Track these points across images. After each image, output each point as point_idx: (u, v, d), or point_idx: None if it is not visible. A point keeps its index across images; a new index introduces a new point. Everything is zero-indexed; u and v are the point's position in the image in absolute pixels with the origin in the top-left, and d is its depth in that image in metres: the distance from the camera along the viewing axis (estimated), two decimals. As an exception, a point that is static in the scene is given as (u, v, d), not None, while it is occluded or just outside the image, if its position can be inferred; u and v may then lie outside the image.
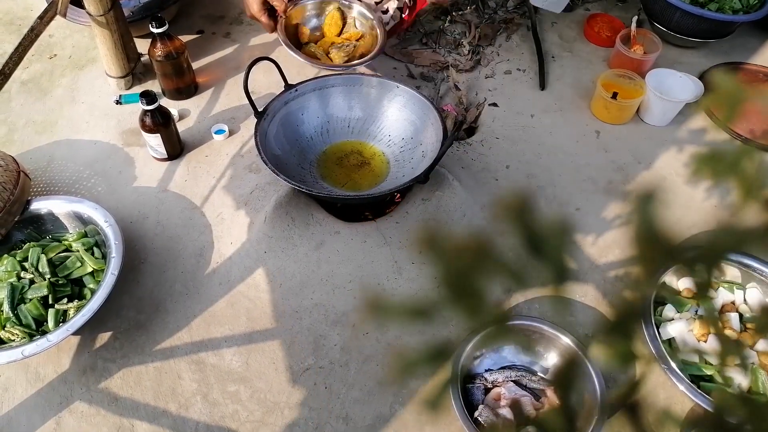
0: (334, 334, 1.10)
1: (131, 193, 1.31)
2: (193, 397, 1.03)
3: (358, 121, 1.35)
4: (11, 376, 1.05)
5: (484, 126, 1.46)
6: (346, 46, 1.49)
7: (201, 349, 1.08)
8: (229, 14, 1.75)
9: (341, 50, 1.48)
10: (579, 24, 1.74)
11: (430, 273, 1.17)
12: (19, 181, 1.16)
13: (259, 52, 1.61)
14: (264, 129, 1.22)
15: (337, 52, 1.48)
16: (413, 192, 1.24)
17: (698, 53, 1.65)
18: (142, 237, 1.23)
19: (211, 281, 1.17)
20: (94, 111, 1.48)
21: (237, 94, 1.51)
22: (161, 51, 1.39)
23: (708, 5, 1.56)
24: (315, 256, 1.17)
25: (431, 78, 1.57)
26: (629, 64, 1.51)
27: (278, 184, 1.27)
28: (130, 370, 1.06)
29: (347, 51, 1.47)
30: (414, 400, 1.02)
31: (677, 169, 1.38)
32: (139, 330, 1.10)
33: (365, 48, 1.50)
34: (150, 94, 1.25)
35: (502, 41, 1.68)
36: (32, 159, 1.37)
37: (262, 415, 1.01)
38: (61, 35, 1.68)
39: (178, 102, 1.50)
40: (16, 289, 1.06)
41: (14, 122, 1.46)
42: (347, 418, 1.01)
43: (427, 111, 1.26)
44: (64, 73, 1.58)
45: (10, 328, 1.03)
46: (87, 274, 1.11)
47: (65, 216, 1.18)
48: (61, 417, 1.01)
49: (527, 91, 1.55)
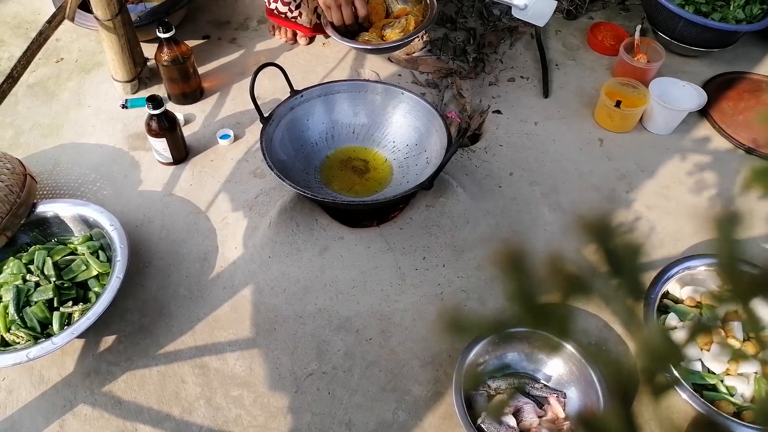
0: (338, 340, 1.10)
1: (136, 196, 1.32)
2: (197, 401, 1.03)
3: (363, 127, 1.36)
4: (15, 379, 1.05)
5: (488, 133, 1.47)
6: (397, 22, 1.48)
7: (205, 353, 1.09)
8: (234, 20, 1.76)
9: (395, 28, 1.47)
10: (583, 32, 1.75)
11: (433, 279, 1.17)
12: (26, 184, 1.16)
13: (264, 57, 1.62)
14: (269, 134, 1.23)
15: (391, 31, 1.47)
16: (417, 198, 1.25)
17: (701, 62, 1.66)
18: (146, 241, 1.24)
19: (215, 285, 1.17)
20: (100, 115, 1.49)
21: (242, 99, 1.52)
22: (167, 56, 1.40)
23: (711, 15, 1.57)
24: (319, 261, 1.17)
25: (435, 85, 1.57)
26: (633, 73, 1.52)
27: (283, 189, 1.28)
28: (134, 373, 1.06)
29: (401, 27, 1.47)
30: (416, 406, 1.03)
31: (680, 177, 1.38)
32: (143, 333, 1.11)
33: (416, 20, 1.49)
34: (156, 99, 1.25)
35: (506, 49, 1.69)
36: (38, 162, 1.38)
37: (265, 420, 1.01)
38: (68, 39, 1.70)
39: (183, 107, 1.51)
40: (21, 292, 1.06)
41: (21, 125, 1.47)
42: (350, 423, 1.01)
43: (432, 118, 1.27)
44: (71, 77, 1.59)
45: (15, 331, 1.03)
46: (92, 277, 1.11)
47: (71, 219, 1.18)
48: (65, 420, 1.01)
49: (531, 98, 1.56)
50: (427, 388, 1.05)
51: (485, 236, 1.24)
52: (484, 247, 1.23)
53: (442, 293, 1.16)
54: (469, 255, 1.21)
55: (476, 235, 1.24)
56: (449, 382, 0.99)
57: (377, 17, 1.52)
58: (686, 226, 1.29)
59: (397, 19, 1.49)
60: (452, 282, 1.17)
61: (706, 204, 1.33)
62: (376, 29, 1.49)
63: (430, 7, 1.47)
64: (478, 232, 1.24)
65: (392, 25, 1.48)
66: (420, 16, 1.49)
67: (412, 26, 1.47)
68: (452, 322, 0.31)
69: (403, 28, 1.47)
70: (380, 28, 1.49)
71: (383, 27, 1.49)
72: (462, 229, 1.22)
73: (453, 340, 1.08)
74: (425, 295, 1.16)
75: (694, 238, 1.27)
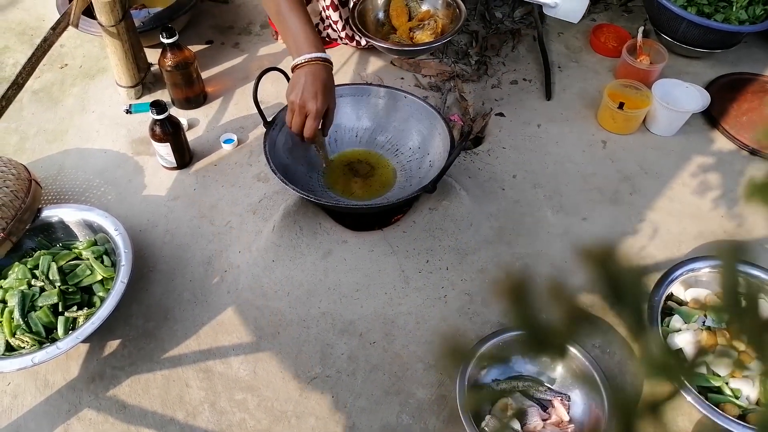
0: (341, 343, 1.10)
1: (140, 201, 1.32)
2: (201, 405, 1.03)
3: (366, 130, 1.36)
4: (20, 384, 1.06)
5: (490, 136, 1.47)
6: (427, 24, 1.47)
7: (209, 357, 1.09)
8: (237, 25, 1.77)
9: (425, 30, 1.46)
10: (585, 34, 1.75)
11: (437, 282, 1.17)
12: (30, 189, 1.17)
13: (267, 62, 1.63)
14: (273, 138, 1.23)
15: (422, 33, 1.46)
16: (420, 201, 1.25)
17: (704, 63, 1.66)
18: (151, 245, 1.24)
19: (219, 290, 1.18)
20: (104, 120, 1.49)
21: (245, 103, 1.53)
22: (171, 61, 1.41)
23: (714, 16, 1.57)
24: (322, 265, 1.18)
25: (438, 88, 1.58)
26: (635, 75, 1.52)
27: (286, 193, 1.28)
28: (138, 377, 1.06)
29: (431, 29, 1.46)
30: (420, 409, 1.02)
31: (684, 179, 1.38)
32: (148, 338, 1.11)
33: (444, 22, 1.49)
34: (160, 104, 1.26)
35: (509, 51, 1.69)
36: (43, 167, 1.39)
37: (269, 424, 1.01)
38: (73, 45, 1.71)
39: (187, 111, 1.51)
40: (26, 297, 1.07)
41: (25, 131, 1.48)
42: (354, 427, 1.01)
43: (435, 121, 1.27)
44: (75, 83, 1.60)
45: (21, 336, 1.04)
46: (97, 282, 1.12)
47: (75, 224, 1.19)
48: (70, 424, 1.01)
49: (533, 101, 1.56)
50: (431, 391, 1.05)
51: (488, 239, 1.24)
52: (487, 250, 1.22)
53: (445, 296, 1.16)
54: (473, 258, 1.21)
55: (479, 237, 1.24)
56: (453, 385, 0.99)
57: (400, 20, 1.52)
58: (690, 228, 1.28)
59: (425, 21, 1.49)
60: (456, 285, 1.17)
61: (710, 206, 1.33)
62: (404, 32, 1.49)
63: (459, 10, 1.45)
64: (481, 234, 1.24)
65: (422, 27, 1.47)
66: (446, 19, 1.49)
67: (439, 29, 1.47)
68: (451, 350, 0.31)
69: (433, 30, 1.46)
70: (408, 31, 1.49)
71: (412, 29, 1.49)
72: (465, 232, 1.22)
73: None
74: (429, 298, 1.16)
75: (698, 239, 1.26)
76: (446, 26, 1.48)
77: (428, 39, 1.45)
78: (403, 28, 1.50)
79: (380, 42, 1.41)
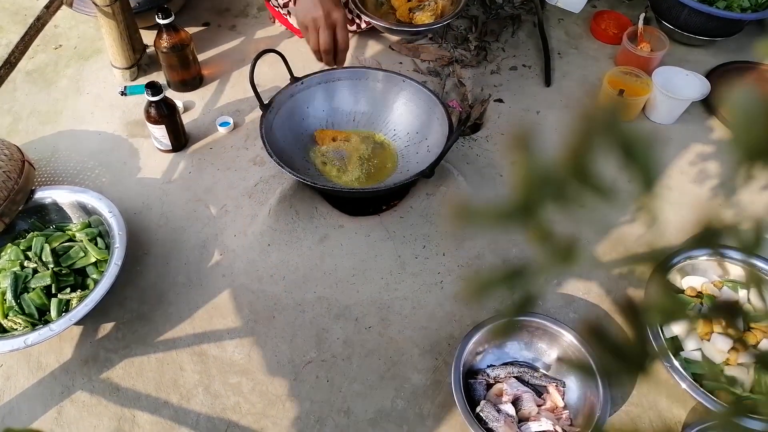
0: (337, 328, 1.10)
1: (135, 184, 1.31)
2: (195, 388, 1.03)
3: (364, 114, 1.35)
4: (13, 365, 1.05)
5: (489, 122, 1.46)
6: (427, 5, 1.44)
7: (203, 340, 1.08)
8: (234, 7, 1.74)
9: (425, 11, 1.43)
10: (586, 21, 1.74)
11: (433, 268, 1.16)
12: (24, 170, 1.15)
13: (264, 44, 1.61)
14: (269, 121, 1.22)
15: (422, 14, 1.43)
16: (418, 186, 1.24)
17: (706, 51, 1.65)
18: (145, 228, 1.23)
19: (214, 273, 1.17)
20: (99, 102, 1.48)
21: (242, 86, 1.51)
22: (167, 42, 1.39)
23: (716, 3, 1.55)
24: (318, 249, 1.17)
25: (437, 73, 1.56)
26: (636, 62, 1.51)
27: (283, 176, 1.27)
28: (132, 360, 1.06)
29: (432, 9, 1.43)
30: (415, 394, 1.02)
31: (683, 167, 1.37)
32: (142, 321, 1.10)
33: (444, 4, 1.46)
34: (155, 86, 1.24)
35: (508, 37, 1.67)
36: (36, 149, 1.37)
37: (264, 408, 1.01)
38: (67, 26, 1.68)
39: (183, 94, 1.50)
40: (19, 278, 1.06)
41: (19, 112, 1.46)
42: (349, 411, 1.01)
43: (433, 106, 1.26)
44: (69, 64, 1.58)
45: (13, 317, 1.03)
46: (90, 264, 1.11)
47: (69, 206, 1.18)
48: (63, 406, 1.01)
49: (533, 87, 1.54)
50: (426, 376, 1.05)
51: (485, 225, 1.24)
52: (484, 236, 1.22)
53: (441, 282, 1.16)
54: (470, 244, 1.20)
55: (477, 224, 1.23)
56: (448, 371, 0.99)
57: (400, 0, 1.50)
58: (688, 216, 1.28)
59: (426, 2, 1.46)
60: (452, 271, 1.17)
61: (709, 194, 1.33)
62: (403, 12, 1.46)
63: None
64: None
65: (422, 7, 1.44)
66: (446, 1, 1.47)
67: (440, 10, 1.45)
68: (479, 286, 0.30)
69: (434, 11, 1.43)
70: (407, 11, 1.46)
71: (411, 10, 1.46)
72: (462, 218, 1.22)
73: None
74: (425, 283, 1.15)
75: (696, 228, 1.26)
76: (446, 8, 1.46)
77: (428, 20, 1.43)
78: (402, 8, 1.48)
79: (379, 21, 1.39)
